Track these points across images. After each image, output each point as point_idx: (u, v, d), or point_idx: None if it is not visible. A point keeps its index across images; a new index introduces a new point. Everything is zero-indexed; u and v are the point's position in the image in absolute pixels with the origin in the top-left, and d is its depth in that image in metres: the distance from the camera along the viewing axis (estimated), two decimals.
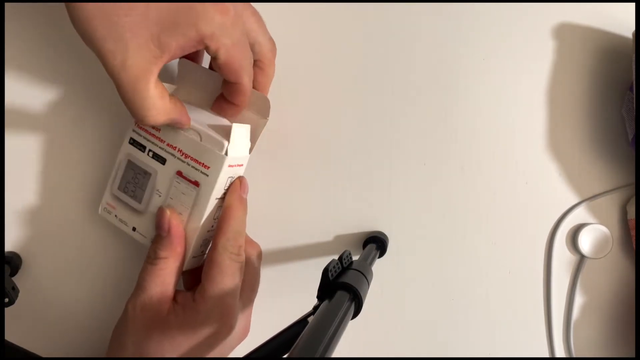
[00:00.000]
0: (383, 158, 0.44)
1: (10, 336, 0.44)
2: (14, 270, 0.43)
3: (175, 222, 0.37)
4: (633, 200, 0.44)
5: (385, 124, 0.44)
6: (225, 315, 0.36)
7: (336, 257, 0.34)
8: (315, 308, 0.31)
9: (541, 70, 0.44)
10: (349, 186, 0.44)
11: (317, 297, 0.32)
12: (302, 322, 0.31)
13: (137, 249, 0.44)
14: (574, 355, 0.45)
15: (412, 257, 0.45)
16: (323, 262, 0.40)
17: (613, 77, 0.44)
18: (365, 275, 0.34)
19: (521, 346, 0.45)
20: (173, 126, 0.36)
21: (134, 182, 0.39)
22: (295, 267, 0.45)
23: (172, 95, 0.34)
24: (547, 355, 0.45)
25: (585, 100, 0.44)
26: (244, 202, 0.38)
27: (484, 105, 0.44)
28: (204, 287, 0.36)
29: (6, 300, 0.40)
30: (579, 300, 0.45)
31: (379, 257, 0.42)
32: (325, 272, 0.32)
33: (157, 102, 0.32)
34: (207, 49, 0.32)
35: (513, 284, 0.45)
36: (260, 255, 0.42)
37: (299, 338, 0.27)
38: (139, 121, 0.34)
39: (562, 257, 0.45)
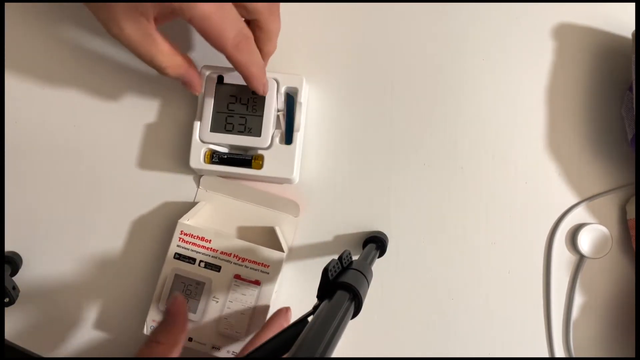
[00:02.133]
0: (383, 158, 0.44)
1: (10, 336, 0.44)
2: (14, 270, 0.43)
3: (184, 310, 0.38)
4: (632, 200, 0.44)
5: (385, 123, 0.44)
6: None
7: (336, 257, 0.34)
8: (315, 308, 0.31)
9: (541, 70, 0.44)
10: (348, 186, 0.45)
11: (317, 296, 0.32)
12: (301, 322, 0.31)
13: (134, 245, 0.44)
14: (574, 355, 0.45)
15: (412, 257, 0.45)
16: (323, 262, 0.40)
17: (613, 77, 0.44)
18: (365, 275, 0.34)
19: (521, 346, 0.45)
20: (187, 86, 0.38)
21: (186, 294, 0.40)
22: (295, 266, 0.45)
23: (183, 53, 0.37)
24: (546, 355, 0.45)
25: (585, 100, 0.44)
26: None
27: (483, 106, 0.44)
28: None
29: (6, 300, 0.40)
30: (578, 300, 0.45)
31: (378, 257, 0.42)
32: (325, 271, 0.32)
33: (170, 57, 0.35)
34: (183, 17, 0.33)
35: (513, 284, 0.45)
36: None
37: (299, 338, 0.27)
38: (161, 70, 0.36)
39: (562, 257, 0.45)
